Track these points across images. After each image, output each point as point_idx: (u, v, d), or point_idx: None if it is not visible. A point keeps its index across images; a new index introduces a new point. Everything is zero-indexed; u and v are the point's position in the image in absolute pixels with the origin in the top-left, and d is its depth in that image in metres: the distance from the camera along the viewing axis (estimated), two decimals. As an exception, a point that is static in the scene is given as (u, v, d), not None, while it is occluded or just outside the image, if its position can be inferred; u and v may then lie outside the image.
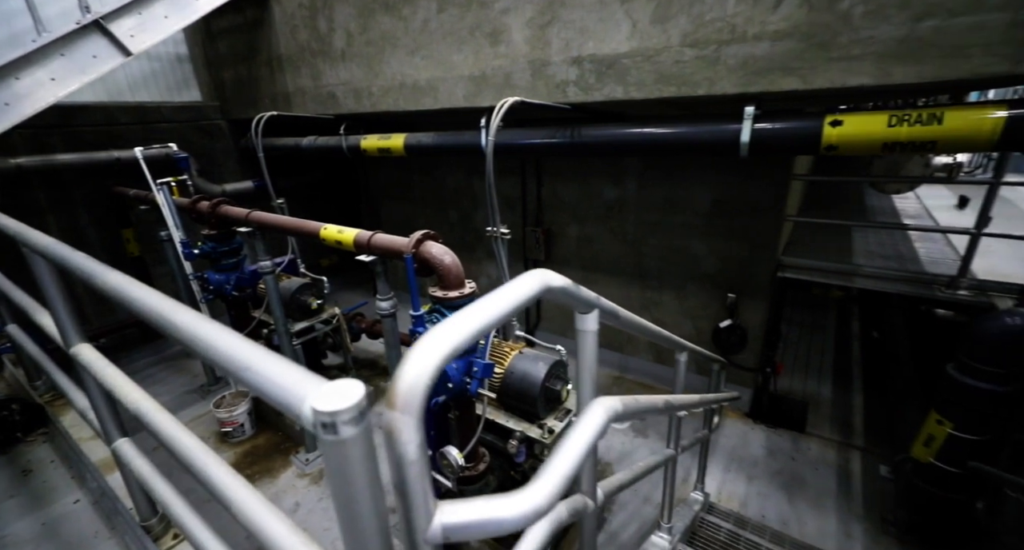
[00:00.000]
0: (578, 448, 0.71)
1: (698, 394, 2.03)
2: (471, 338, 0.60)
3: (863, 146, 2.30)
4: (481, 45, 3.30)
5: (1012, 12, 1.84)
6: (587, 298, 0.91)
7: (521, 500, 0.61)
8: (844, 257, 4.01)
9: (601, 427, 0.79)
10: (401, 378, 0.53)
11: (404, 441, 0.52)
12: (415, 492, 0.55)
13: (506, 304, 0.65)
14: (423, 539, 0.58)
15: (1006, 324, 2.17)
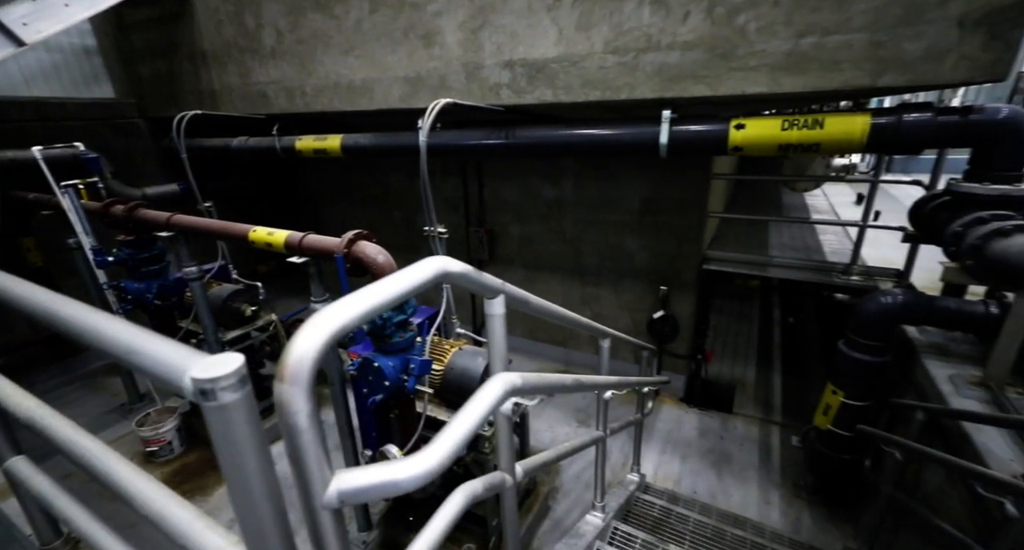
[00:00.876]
0: (471, 417, 0.78)
1: (619, 377, 2.15)
2: (362, 317, 0.64)
3: (762, 147, 2.56)
4: (415, 47, 3.33)
5: (870, 33, 2.13)
6: (491, 284, 0.97)
7: (414, 463, 0.66)
8: (761, 250, 4.39)
9: (497, 399, 0.85)
10: (290, 352, 0.57)
11: (293, 411, 0.56)
12: (308, 460, 0.59)
13: (399, 287, 0.70)
14: (320, 504, 0.62)
15: (881, 303, 2.49)
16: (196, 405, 0.50)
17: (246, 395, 0.50)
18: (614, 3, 2.64)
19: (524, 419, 2.93)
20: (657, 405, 4.40)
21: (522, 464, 1.25)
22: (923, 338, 2.64)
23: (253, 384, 0.52)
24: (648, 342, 4.44)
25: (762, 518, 3.05)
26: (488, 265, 5.23)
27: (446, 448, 0.70)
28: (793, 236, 4.82)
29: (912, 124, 2.20)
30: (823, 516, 3.10)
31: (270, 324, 3.94)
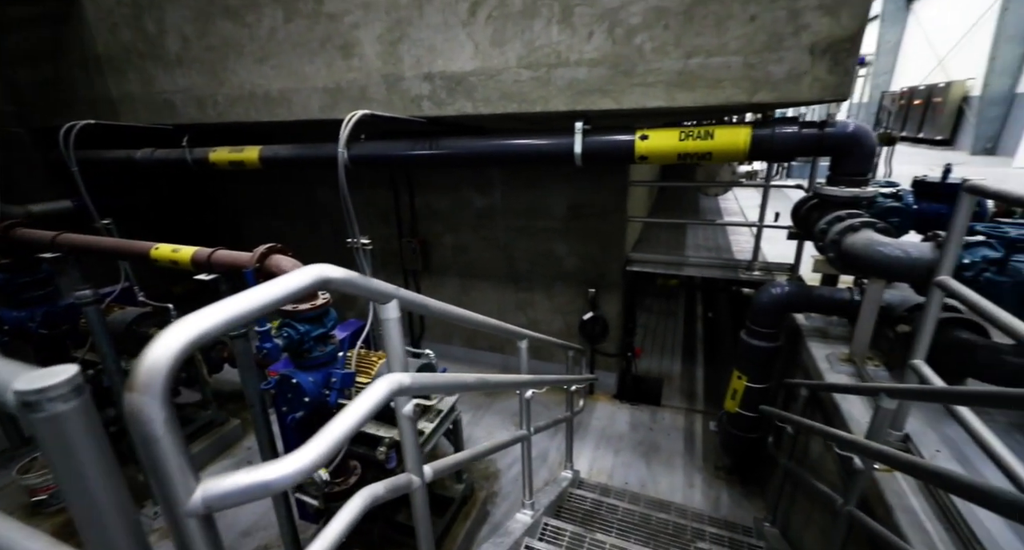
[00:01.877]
0: (351, 417, 0.80)
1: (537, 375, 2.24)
2: (226, 325, 0.66)
3: (664, 156, 2.79)
4: (334, 57, 3.29)
5: (744, 57, 2.42)
6: (381, 290, 1.01)
7: (286, 464, 0.68)
8: (678, 250, 4.73)
9: (381, 398, 0.89)
10: (142, 361, 0.58)
11: (146, 420, 0.57)
12: (169, 468, 0.60)
13: (269, 294, 0.72)
14: (184, 513, 0.63)
15: (771, 294, 2.79)
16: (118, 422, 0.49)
17: (82, 404, 0.50)
18: (524, 21, 2.78)
19: (458, 425, 2.95)
20: (592, 403, 4.57)
21: (432, 465, 1.28)
22: (808, 323, 2.98)
23: None
24: (580, 343, 4.64)
25: (686, 500, 3.27)
26: (423, 275, 5.22)
27: (320, 447, 0.73)
28: (707, 237, 5.23)
29: (783, 136, 2.51)
30: (740, 493, 3.37)
31: (184, 347, 3.66)
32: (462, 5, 2.87)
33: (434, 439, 2.68)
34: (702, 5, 2.43)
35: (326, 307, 2.17)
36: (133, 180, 5.20)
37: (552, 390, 4.45)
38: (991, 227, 1.83)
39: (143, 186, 5.40)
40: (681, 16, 2.48)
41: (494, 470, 3.65)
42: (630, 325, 4.82)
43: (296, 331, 2.10)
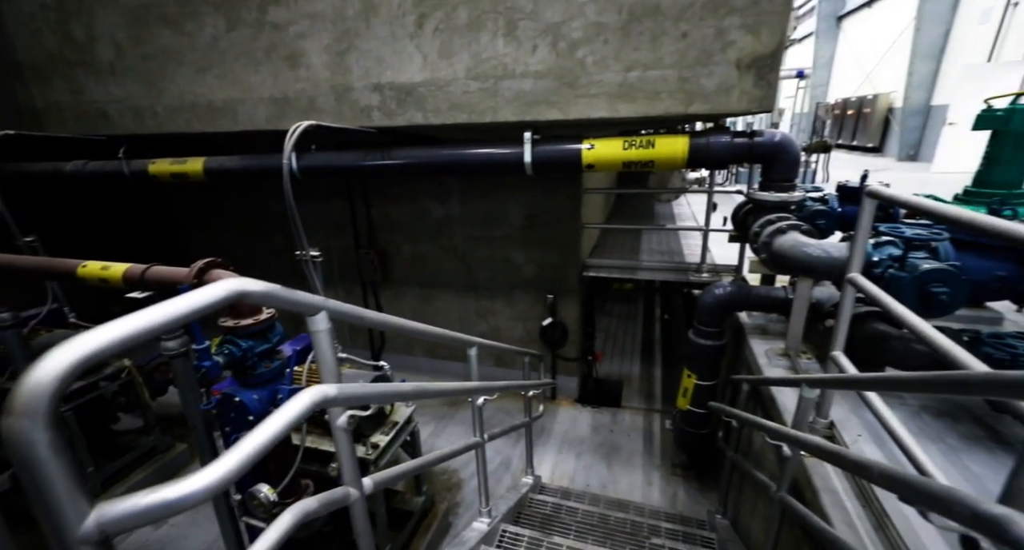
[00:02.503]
0: (266, 431, 0.79)
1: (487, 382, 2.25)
2: (122, 343, 0.64)
3: (610, 164, 2.89)
4: (280, 68, 3.24)
5: (678, 70, 2.56)
6: (307, 301, 1.00)
7: (191, 482, 0.67)
8: (634, 255, 4.87)
9: (301, 413, 0.87)
10: (23, 383, 0.56)
11: (26, 445, 0.55)
12: (55, 493, 0.58)
13: (174, 311, 0.71)
14: (76, 540, 0.60)
15: (715, 294, 2.93)
16: (15, 482, 0.47)
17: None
18: (471, 34, 2.83)
19: (415, 436, 2.91)
20: (554, 408, 4.62)
21: (373, 477, 1.27)
22: (750, 321, 3.13)
23: (105, 442, 0.50)
24: (541, 349, 4.68)
25: (644, 499, 3.35)
26: (383, 286, 5.14)
27: (230, 464, 0.72)
28: (660, 241, 5.42)
29: (717, 145, 2.66)
30: (695, 488, 3.48)
31: (122, 371, 3.47)
32: (409, 18, 2.90)
33: (390, 452, 2.63)
34: (637, 22, 2.55)
35: (271, 322, 2.11)
36: (65, 194, 4.89)
37: (515, 397, 4.47)
38: (891, 227, 2.00)
39: (77, 201, 5.09)
40: (619, 32, 2.60)
41: (456, 481, 3.62)
42: (589, 329, 4.91)
43: (238, 347, 2.03)
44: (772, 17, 2.37)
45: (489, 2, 2.74)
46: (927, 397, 2.09)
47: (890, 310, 1.41)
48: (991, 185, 2.72)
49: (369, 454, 2.46)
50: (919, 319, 1.32)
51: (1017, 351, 1.71)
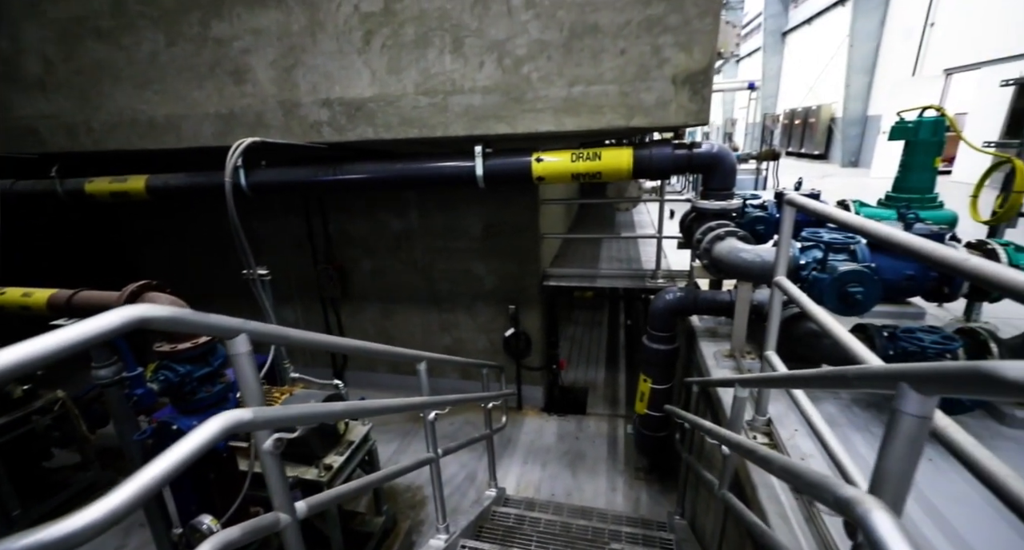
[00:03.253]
0: (167, 461, 0.77)
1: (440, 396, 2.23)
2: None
3: (559, 176, 2.97)
4: (225, 83, 3.17)
5: (619, 85, 2.67)
6: (223, 325, 0.99)
7: (72, 521, 0.63)
8: (594, 263, 4.97)
9: (208, 440, 0.86)
10: None
11: None
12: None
13: (64, 340, 0.68)
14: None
15: (665, 300, 3.02)
16: None
17: None
18: (418, 50, 2.87)
19: (373, 455, 2.85)
20: (520, 418, 4.62)
21: (308, 501, 1.24)
22: (701, 325, 3.24)
23: (37, 479, 0.46)
24: (504, 359, 4.70)
25: (608, 504, 3.38)
26: (343, 302, 5.04)
27: (122, 498, 0.69)
28: (620, 249, 5.56)
29: (659, 156, 2.77)
30: (657, 491, 3.54)
31: (55, 403, 3.26)
32: (356, 34, 2.91)
33: (346, 472, 2.57)
34: (578, 39, 2.65)
35: (211, 344, 2.04)
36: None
37: (480, 409, 4.44)
38: (812, 232, 2.14)
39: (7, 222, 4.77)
40: (561, 49, 2.69)
41: (421, 498, 3.55)
42: (553, 338, 4.96)
43: (175, 373, 1.95)
44: (702, 36, 2.51)
45: (435, 20, 2.79)
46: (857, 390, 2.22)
47: (806, 310, 1.50)
48: (906, 190, 2.95)
49: (322, 476, 2.39)
50: (829, 318, 1.42)
51: (924, 343, 1.85)
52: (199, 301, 5.42)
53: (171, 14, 3.02)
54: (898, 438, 0.72)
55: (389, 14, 2.83)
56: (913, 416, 0.70)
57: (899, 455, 0.72)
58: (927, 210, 2.87)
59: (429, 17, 2.79)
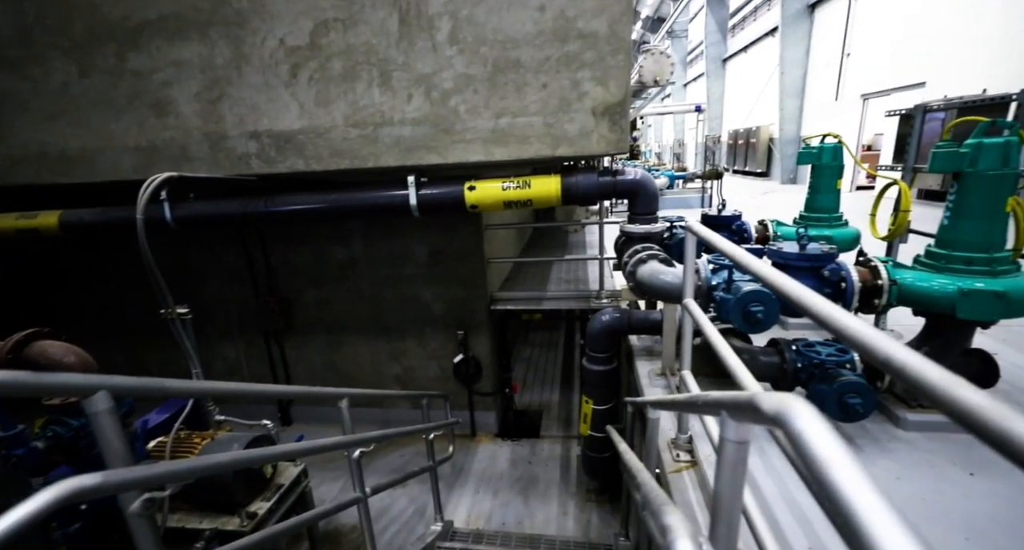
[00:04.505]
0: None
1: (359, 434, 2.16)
2: None
3: (492, 204, 3.02)
4: (145, 115, 3.08)
5: (544, 117, 2.77)
6: (72, 383, 0.93)
7: None
8: (543, 285, 5.02)
9: (31, 515, 0.77)
10: None
11: None
12: None
13: None
14: None
15: (601, 320, 3.09)
16: None
17: None
18: (346, 83, 2.89)
19: (306, 497, 2.72)
20: (474, 445, 4.54)
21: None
22: (639, 344, 3.32)
23: None
24: (456, 386, 4.63)
25: (560, 530, 3.34)
26: (287, 335, 4.86)
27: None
28: (570, 271, 5.65)
29: (585, 183, 2.87)
30: (608, 512, 3.53)
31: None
32: (282, 67, 2.91)
33: (274, 518, 2.43)
34: (502, 73, 2.75)
35: (111, 393, 1.91)
36: None
37: (438, 439, 4.32)
38: (716, 256, 2.26)
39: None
40: (487, 82, 2.77)
41: (365, 539, 3.39)
42: (505, 362, 4.95)
43: (67, 427, 1.81)
44: (617, 71, 2.66)
45: (362, 54, 2.83)
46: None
47: (702, 329, 1.57)
48: (815, 210, 3.17)
49: (244, 526, 2.25)
50: (718, 338, 1.49)
51: (820, 355, 1.96)
52: (127, 342, 5.18)
53: (83, 45, 2.92)
54: (725, 463, 0.76)
55: (315, 48, 2.85)
56: (731, 442, 0.74)
57: (727, 479, 0.76)
58: (834, 228, 3.09)
59: (356, 52, 2.82)
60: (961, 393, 0.48)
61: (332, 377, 4.91)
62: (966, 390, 0.48)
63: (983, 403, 0.45)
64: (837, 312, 0.84)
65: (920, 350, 2.09)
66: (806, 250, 2.06)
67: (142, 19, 2.87)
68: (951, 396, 0.48)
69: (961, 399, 0.47)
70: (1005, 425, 0.42)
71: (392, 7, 2.72)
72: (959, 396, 0.47)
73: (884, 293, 2.01)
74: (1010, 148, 1.77)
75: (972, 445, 1.92)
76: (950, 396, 0.48)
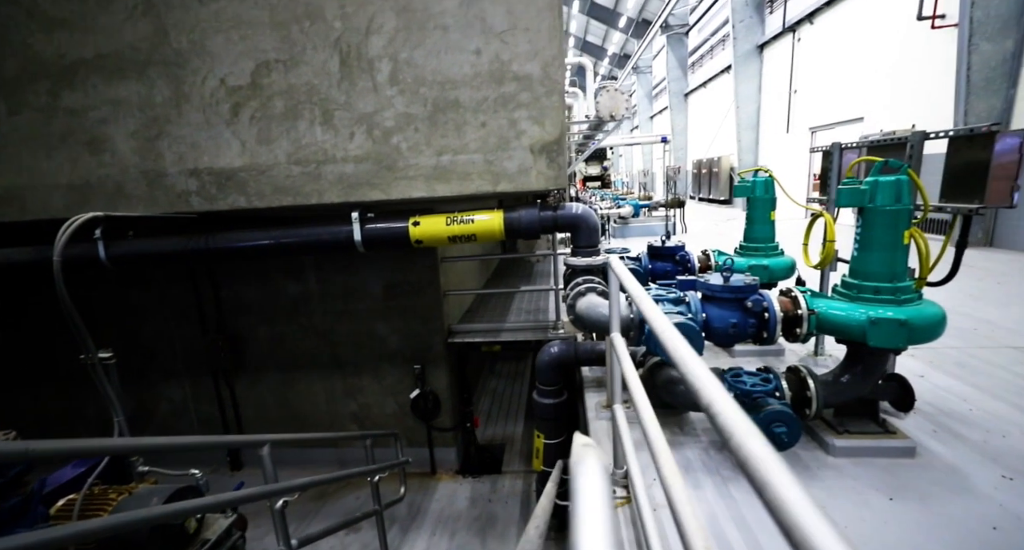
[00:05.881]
0: None
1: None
2: None
3: (437, 239, 3.03)
4: (79, 153, 3.01)
5: (484, 155, 2.83)
6: None
7: None
8: (503, 316, 5.01)
9: None
10: None
11: None
12: None
13: None
14: None
15: (550, 352, 3.08)
16: None
17: None
18: (288, 122, 2.91)
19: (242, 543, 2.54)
20: (433, 484, 4.38)
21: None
22: (590, 375, 3.32)
23: None
24: (414, 422, 4.50)
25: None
26: (237, 375, 4.67)
27: None
28: (531, 301, 5.66)
29: (527, 217, 2.92)
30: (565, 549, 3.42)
31: None
32: (223, 106, 2.91)
33: (196, 582, 2.25)
34: (442, 113, 2.82)
35: (5, 450, 1.77)
36: None
37: (393, 479, 4.14)
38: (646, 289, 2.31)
39: None
40: (427, 121, 2.84)
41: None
42: (466, 395, 4.85)
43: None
44: (552, 111, 2.76)
45: (303, 94, 2.86)
46: (712, 433, 2.32)
47: (621, 364, 1.58)
48: (753, 240, 3.30)
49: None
50: (632, 373, 1.50)
51: (746, 385, 1.99)
52: (64, 387, 4.84)
53: (12, 83, 2.88)
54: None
55: (257, 88, 2.87)
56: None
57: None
58: (770, 258, 3.21)
59: (297, 91, 2.86)
60: (749, 443, 0.55)
61: (285, 417, 4.71)
62: (754, 440, 0.55)
63: (761, 452, 0.52)
64: (687, 356, 0.87)
65: (842, 377, 2.15)
66: (729, 282, 2.12)
67: (78, 57, 2.85)
68: (741, 444, 0.55)
69: (747, 447, 0.54)
70: (767, 478, 0.49)
71: (333, 49, 2.79)
72: (746, 444, 0.55)
73: (804, 322, 2.07)
74: (901, 186, 1.89)
75: (891, 469, 1.96)
76: (741, 444, 0.55)
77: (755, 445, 0.54)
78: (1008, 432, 2.15)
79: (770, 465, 0.50)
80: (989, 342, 3.28)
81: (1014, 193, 1.91)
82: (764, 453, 0.52)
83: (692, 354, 0.87)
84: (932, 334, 1.87)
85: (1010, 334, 3.41)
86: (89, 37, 2.82)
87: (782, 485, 0.47)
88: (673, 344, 0.94)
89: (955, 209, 2.15)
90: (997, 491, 1.77)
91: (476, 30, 2.69)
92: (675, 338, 0.97)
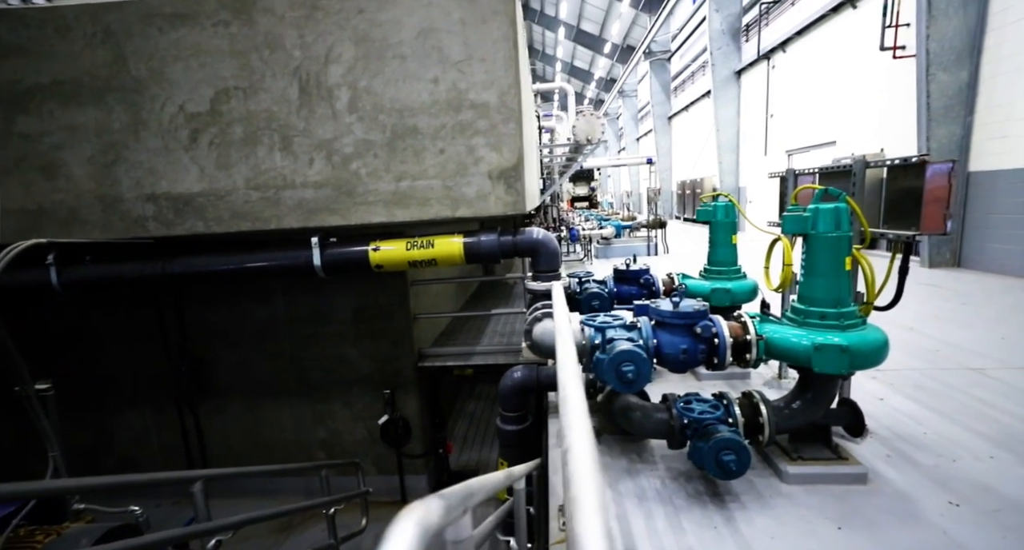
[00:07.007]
0: None
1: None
2: None
3: (398, 264, 3.01)
4: (32, 178, 2.98)
5: (442, 180, 2.84)
6: None
7: None
8: (477, 339, 4.95)
9: None
10: None
11: None
12: None
13: None
14: None
15: (513, 378, 3.03)
16: None
17: None
18: (247, 148, 2.90)
19: (176, 599, 2.41)
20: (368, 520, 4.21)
21: None
22: (556, 400, 3.26)
23: None
24: (384, 449, 4.38)
25: (477, 613, 3.06)
26: (201, 401, 4.53)
27: None
28: (507, 323, 5.61)
29: (487, 243, 2.92)
30: (534, 586, 3.28)
31: None
32: (182, 132, 2.91)
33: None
34: (401, 140, 2.84)
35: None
36: None
37: (378, 507, 3.99)
38: (588, 317, 2.30)
39: None
40: (386, 148, 2.85)
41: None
42: (438, 420, 4.74)
43: None
44: (509, 138, 2.80)
45: (263, 120, 2.87)
46: (670, 461, 2.28)
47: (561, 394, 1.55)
48: (715, 264, 3.32)
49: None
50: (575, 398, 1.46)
51: (694, 413, 1.97)
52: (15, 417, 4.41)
53: (-35, 111, 2.85)
54: None
55: (216, 114, 2.88)
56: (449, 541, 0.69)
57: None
58: (732, 281, 3.23)
59: (257, 118, 2.87)
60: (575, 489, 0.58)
61: (251, 444, 4.56)
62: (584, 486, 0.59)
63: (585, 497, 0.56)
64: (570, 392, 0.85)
65: (794, 403, 2.13)
66: (679, 308, 2.12)
67: (34, 83, 2.84)
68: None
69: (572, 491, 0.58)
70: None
71: (292, 77, 2.81)
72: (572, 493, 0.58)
73: (753, 347, 2.06)
74: (840, 213, 1.92)
75: (843, 496, 1.92)
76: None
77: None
78: (959, 456, 2.14)
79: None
80: (950, 363, 3.30)
81: (947, 221, 1.95)
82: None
83: (574, 389, 0.87)
84: (874, 359, 1.87)
85: (971, 355, 3.44)
86: (46, 64, 2.82)
87: None
88: (563, 377, 0.92)
89: (896, 236, 2.19)
90: (943, 518, 1.75)
91: (433, 60, 2.74)
92: (566, 373, 0.96)
